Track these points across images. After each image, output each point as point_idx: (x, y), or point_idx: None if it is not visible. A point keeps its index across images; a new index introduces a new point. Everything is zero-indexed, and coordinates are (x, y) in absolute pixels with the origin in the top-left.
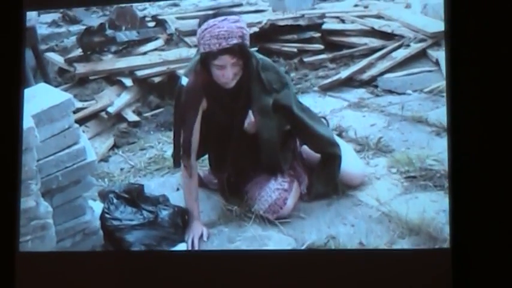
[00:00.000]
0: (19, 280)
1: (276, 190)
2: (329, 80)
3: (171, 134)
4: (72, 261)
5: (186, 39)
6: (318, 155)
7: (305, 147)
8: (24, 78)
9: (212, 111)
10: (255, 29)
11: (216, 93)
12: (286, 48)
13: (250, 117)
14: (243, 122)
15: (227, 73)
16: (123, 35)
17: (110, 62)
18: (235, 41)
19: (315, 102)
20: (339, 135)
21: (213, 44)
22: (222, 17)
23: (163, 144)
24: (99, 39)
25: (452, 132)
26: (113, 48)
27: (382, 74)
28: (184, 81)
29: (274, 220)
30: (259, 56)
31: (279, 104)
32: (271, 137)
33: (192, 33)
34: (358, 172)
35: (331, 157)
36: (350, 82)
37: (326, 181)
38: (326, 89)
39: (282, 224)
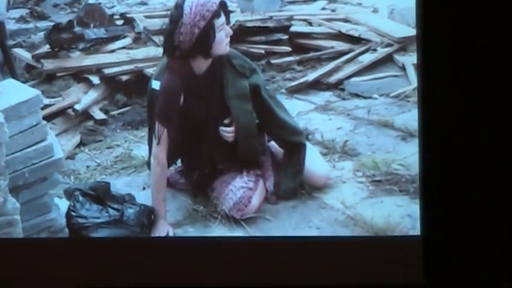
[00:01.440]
0: None
1: (241, 188)
2: (296, 82)
3: (138, 132)
4: (43, 247)
5: (154, 38)
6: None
7: (273, 143)
8: None
9: (188, 106)
10: None
11: (192, 84)
12: (254, 50)
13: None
14: (218, 114)
15: (228, 31)
16: (91, 33)
17: (77, 59)
18: None
19: None
20: (306, 137)
21: (210, 6)
22: None
23: (130, 143)
24: (67, 36)
25: (423, 135)
26: (81, 46)
27: (349, 77)
28: (155, 84)
29: (239, 219)
30: None
31: (250, 88)
32: (248, 122)
33: (160, 32)
34: (322, 173)
35: (296, 146)
36: (317, 85)
37: (293, 174)
38: (293, 91)
39: (248, 225)
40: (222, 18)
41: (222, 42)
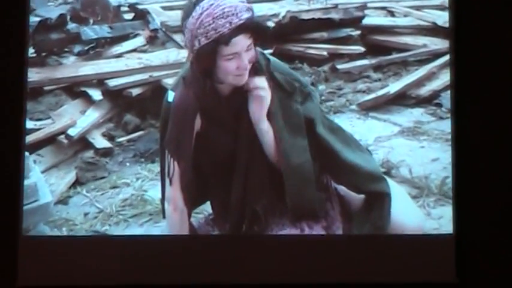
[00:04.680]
0: (22, 264)
1: None
2: (372, 95)
3: (154, 167)
4: (75, 245)
5: (176, 37)
6: (360, 195)
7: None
8: None
9: (206, 134)
10: (270, 24)
11: (212, 107)
12: (312, 51)
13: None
14: (250, 152)
15: (243, 62)
16: (91, 31)
17: (72, 68)
18: (246, 15)
19: (352, 127)
20: (387, 173)
21: (221, 26)
22: None
23: (143, 181)
24: (59, 36)
25: (455, 136)
26: (77, 49)
27: (447, 88)
28: (172, 96)
29: None
30: (267, 55)
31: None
32: (302, 163)
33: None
34: (412, 223)
35: (375, 198)
36: (402, 99)
37: (371, 231)
38: (368, 109)
39: None
40: (234, 46)
41: (228, 74)
